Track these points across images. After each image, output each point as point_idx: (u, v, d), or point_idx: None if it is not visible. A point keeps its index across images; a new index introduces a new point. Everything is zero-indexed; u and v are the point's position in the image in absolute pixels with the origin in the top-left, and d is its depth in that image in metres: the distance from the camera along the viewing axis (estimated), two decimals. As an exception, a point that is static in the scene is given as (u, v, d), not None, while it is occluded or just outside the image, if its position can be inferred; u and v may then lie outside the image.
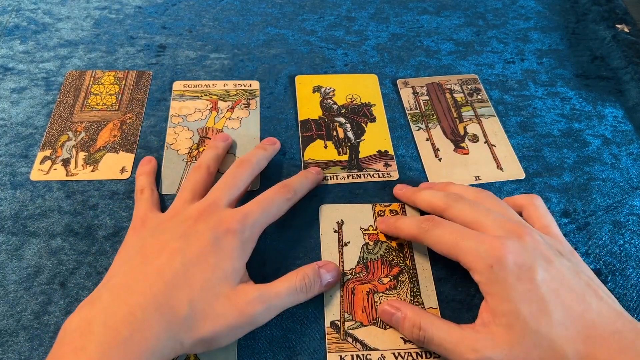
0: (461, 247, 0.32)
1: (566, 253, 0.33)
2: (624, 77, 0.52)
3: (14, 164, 0.42)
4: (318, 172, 0.41)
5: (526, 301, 0.29)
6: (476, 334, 0.30)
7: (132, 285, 0.29)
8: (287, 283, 0.33)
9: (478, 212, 0.34)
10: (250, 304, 0.31)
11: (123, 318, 0.28)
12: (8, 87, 0.48)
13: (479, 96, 0.50)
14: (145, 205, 0.37)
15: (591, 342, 0.28)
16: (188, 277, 0.30)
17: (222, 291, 0.30)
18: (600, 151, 0.46)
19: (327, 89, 0.50)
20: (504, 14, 0.60)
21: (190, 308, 0.29)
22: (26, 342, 0.33)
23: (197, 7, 0.58)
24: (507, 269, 0.30)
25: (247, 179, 0.38)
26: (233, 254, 0.32)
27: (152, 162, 0.42)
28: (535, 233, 0.33)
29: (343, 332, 0.34)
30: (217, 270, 0.31)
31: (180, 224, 0.33)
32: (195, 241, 0.32)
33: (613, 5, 0.59)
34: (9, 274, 0.36)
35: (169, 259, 0.31)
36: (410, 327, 0.32)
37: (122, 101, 0.47)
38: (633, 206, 0.42)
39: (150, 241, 0.32)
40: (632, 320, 0.30)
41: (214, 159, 0.40)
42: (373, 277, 0.37)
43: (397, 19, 0.58)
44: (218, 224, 0.33)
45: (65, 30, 0.54)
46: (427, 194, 0.38)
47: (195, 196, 0.36)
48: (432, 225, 0.34)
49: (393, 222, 0.38)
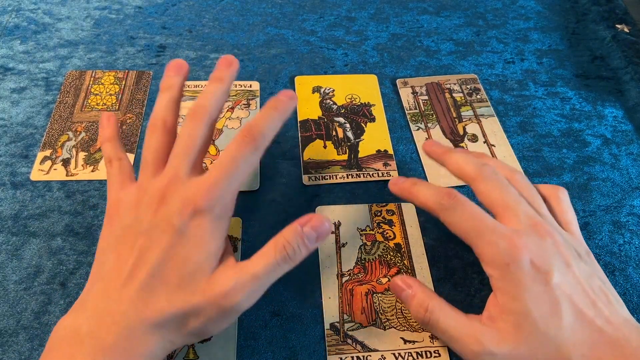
0: (479, 237, 0.31)
1: (583, 254, 0.32)
2: (624, 77, 0.52)
3: (14, 164, 0.42)
4: (290, 98, 0.33)
5: (538, 303, 0.29)
6: (482, 327, 0.30)
7: (110, 293, 0.28)
8: (264, 259, 0.29)
9: (508, 196, 0.32)
10: (228, 296, 0.28)
11: (107, 327, 0.27)
12: (8, 87, 0.48)
13: (479, 96, 0.50)
14: (116, 181, 0.33)
15: (596, 348, 0.28)
16: (162, 277, 0.28)
17: (198, 286, 0.28)
18: (600, 151, 0.46)
19: (327, 89, 0.50)
20: (504, 14, 0.60)
21: (171, 308, 0.28)
22: (26, 342, 0.33)
23: (197, 7, 0.58)
24: (523, 270, 0.29)
25: (207, 131, 0.32)
26: (204, 239, 0.29)
27: (112, 120, 0.36)
28: (556, 233, 0.32)
29: (342, 334, 0.34)
30: (188, 264, 0.28)
31: (146, 211, 0.30)
32: (161, 234, 0.29)
33: (613, 5, 0.59)
34: (9, 274, 0.36)
35: (140, 259, 0.28)
36: (417, 307, 0.31)
37: (122, 101, 0.47)
38: (633, 206, 0.42)
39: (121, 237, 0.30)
40: (637, 326, 0.30)
41: (170, 107, 0.33)
42: (371, 278, 0.37)
43: (397, 19, 0.58)
44: (183, 206, 0.29)
45: (65, 30, 0.54)
46: (460, 157, 0.35)
47: (158, 167, 0.32)
48: (453, 203, 0.32)
49: (409, 186, 0.35)
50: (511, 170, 0.35)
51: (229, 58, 0.35)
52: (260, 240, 0.36)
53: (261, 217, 0.40)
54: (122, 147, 0.35)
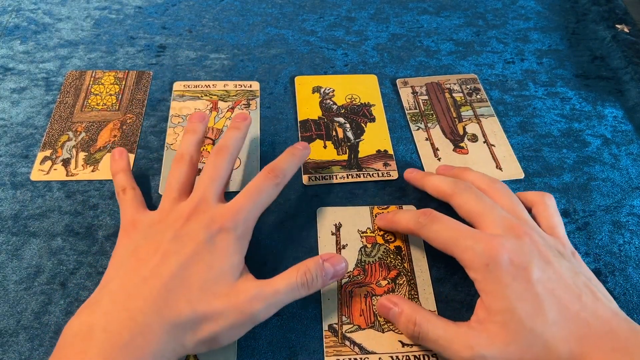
0: (458, 245, 0.32)
1: (567, 254, 0.33)
2: (623, 77, 0.52)
3: (14, 164, 0.42)
4: (304, 147, 0.39)
5: (521, 300, 0.29)
6: (471, 331, 0.30)
7: (130, 289, 0.29)
8: (286, 280, 0.32)
9: (483, 206, 0.34)
10: (250, 302, 0.30)
11: (123, 323, 0.27)
12: (8, 87, 0.48)
13: (478, 96, 0.50)
14: (131, 205, 0.36)
15: (585, 342, 0.28)
16: (185, 279, 0.30)
17: (221, 290, 0.30)
18: (600, 151, 0.46)
19: (327, 89, 0.50)
20: (504, 14, 0.60)
21: (190, 309, 0.29)
22: (26, 342, 0.33)
23: (197, 7, 0.58)
24: (502, 268, 0.30)
25: (229, 166, 0.37)
26: (228, 251, 0.32)
27: (124, 154, 0.40)
28: (535, 233, 0.33)
29: (341, 336, 0.34)
30: (213, 269, 0.31)
31: (172, 225, 0.32)
32: (189, 241, 0.31)
33: (613, 5, 0.59)
34: (9, 274, 0.36)
35: (164, 261, 0.30)
36: (406, 323, 0.32)
37: (122, 101, 0.47)
38: (633, 206, 0.42)
39: (143, 244, 0.32)
40: (627, 319, 0.30)
41: (195, 146, 0.38)
42: (371, 280, 0.37)
43: (397, 19, 0.58)
44: (210, 222, 0.32)
45: (65, 31, 0.54)
46: (436, 179, 0.38)
47: (182, 193, 0.35)
48: (429, 220, 0.34)
49: (390, 217, 0.38)
50: (491, 181, 0.37)
51: (243, 114, 0.41)
52: (258, 241, 0.36)
53: (261, 217, 0.40)
54: (133, 177, 0.39)
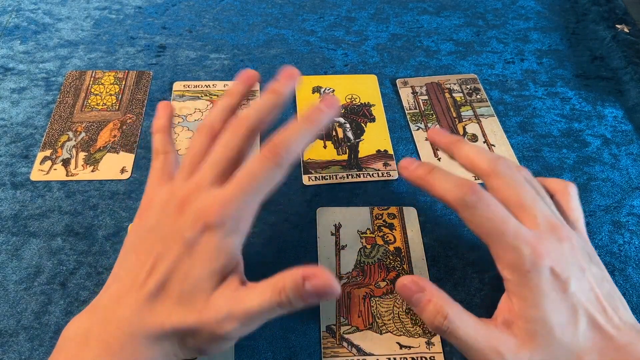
0: (502, 241, 0.29)
1: (593, 256, 0.32)
2: (623, 77, 0.52)
3: (14, 164, 0.42)
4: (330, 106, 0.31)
5: (556, 310, 0.29)
6: (500, 334, 0.29)
7: (122, 296, 0.28)
8: (259, 298, 0.27)
9: (524, 195, 0.31)
10: (220, 324, 0.27)
11: (113, 332, 0.27)
12: (8, 87, 0.48)
13: (478, 96, 0.50)
14: (156, 176, 0.32)
15: (605, 354, 0.28)
16: (168, 289, 0.28)
17: (195, 304, 0.27)
18: (600, 151, 0.46)
19: (327, 89, 0.50)
20: (503, 14, 0.60)
21: (169, 323, 0.27)
22: (26, 342, 0.33)
23: (197, 7, 0.58)
24: (543, 277, 0.29)
25: (244, 142, 0.31)
26: (209, 256, 0.28)
27: (167, 110, 0.35)
28: (573, 236, 0.31)
29: (338, 337, 0.34)
30: (189, 279, 0.27)
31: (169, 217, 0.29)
32: (174, 244, 0.28)
33: (613, 5, 0.59)
34: (9, 274, 0.36)
35: (154, 266, 0.28)
36: (434, 314, 0.29)
37: (122, 101, 0.47)
38: (633, 206, 0.42)
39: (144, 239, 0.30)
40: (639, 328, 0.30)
41: (223, 114, 0.33)
42: (370, 281, 0.37)
43: (397, 19, 0.58)
44: (197, 218, 0.28)
45: (65, 31, 0.54)
46: (472, 149, 0.33)
47: (193, 169, 0.31)
48: (475, 200, 0.30)
49: (424, 173, 0.32)
50: (517, 167, 0.34)
51: (291, 70, 0.33)
52: (260, 240, 0.36)
53: (261, 217, 0.40)
54: (172, 140, 0.35)
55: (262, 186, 0.29)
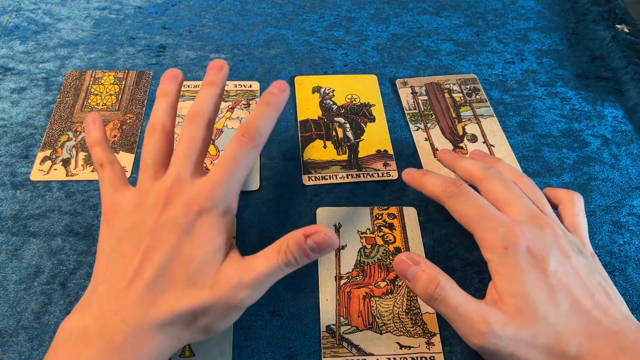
0: (480, 223, 0.32)
1: (586, 253, 0.33)
2: (623, 77, 0.52)
3: (14, 164, 0.42)
4: (281, 90, 0.34)
5: (536, 287, 0.30)
6: (490, 308, 0.30)
7: (117, 293, 0.28)
8: (266, 262, 0.29)
9: (510, 193, 0.34)
10: (233, 293, 0.28)
11: (115, 326, 0.27)
12: (8, 87, 0.48)
13: (478, 96, 0.50)
14: (110, 184, 0.33)
15: (594, 339, 0.29)
16: (170, 276, 0.29)
17: (205, 281, 0.29)
18: (600, 151, 0.46)
19: (327, 89, 0.50)
20: (503, 14, 0.60)
21: (178, 307, 0.28)
22: (26, 342, 0.33)
23: (197, 7, 0.58)
24: (520, 254, 0.30)
25: (206, 133, 0.33)
26: (210, 235, 0.30)
27: (97, 122, 0.35)
28: (557, 227, 0.33)
29: (338, 337, 0.34)
30: (194, 261, 0.29)
31: (150, 213, 0.30)
32: (168, 233, 0.29)
33: (613, 5, 0.59)
34: (9, 274, 0.36)
35: (147, 258, 0.29)
36: (427, 282, 0.31)
37: (122, 101, 0.47)
38: (633, 206, 0.42)
39: (125, 237, 0.30)
40: (636, 323, 0.30)
41: (167, 112, 0.34)
42: (370, 281, 0.37)
43: (397, 19, 0.58)
44: (187, 206, 0.30)
45: (65, 31, 0.54)
46: (468, 162, 0.38)
47: (159, 169, 0.32)
48: (457, 191, 0.34)
49: (419, 176, 0.37)
50: (519, 174, 0.37)
51: (219, 62, 0.36)
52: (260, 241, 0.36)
53: (261, 217, 0.40)
54: (111, 150, 0.35)
55: (243, 168, 0.32)
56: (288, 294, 0.36)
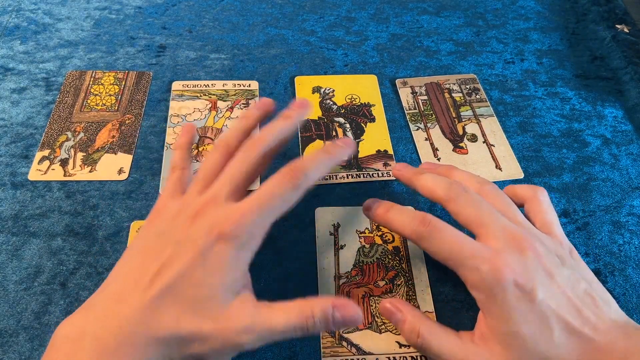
0: (462, 264, 0.31)
1: (566, 257, 0.32)
2: (623, 77, 0.52)
3: (14, 164, 0.42)
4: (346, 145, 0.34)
5: (526, 322, 0.29)
6: (475, 348, 0.30)
7: (124, 295, 0.28)
8: (285, 319, 0.28)
9: (481, 213, 0.32)
10: (239, 334, 0.28)
11: (111, 330, 0.27)
12: (8, 87, 0.48)
13: (478, 96, 0.50)
14: (170, 188, 0.34)
15: (585, 356, 0.29)
16: (177, 293, 0.28)
17: (210, 313, 0.28)
18: (600, 151, 0.46)
19: (327, 89, 0.50)
20: (503, 14, 0.60)
21: (177, 327, 0.27)
22: (26, 343, 0.33)
23: (197, 7, 0.58)
24: (507, 291, 0.29)
25: (259, 161, 0.33)
26: (223, 267, 0.28)
27: (190, 131, 0.37)
28: (537, 243, 0.31)
29: (338, 336, 0.34)
30: (203, 287, 0.28)
31: (182, 224, 0.30)
32: (187, 250, 0.29)
33: (613, 5, 0.59)
34: (9, 274, 0.36)
35: (163, 269, 0.28)
36: (409, 332, 0.32)
37: (122, 102, 0.47)
38: (633, 206, 0.42)
39: (152, 243, 0.31)
40: (624, 326, 0.30)
41: (239, 134, 0.35)
42: (369, 281, 0.37)
43: (397, 19, 0.58)
44: (210, 227, 0.29)
45: (65, 31, 0.54)
46: (428, 179, 0.35)
47: (206, 184, 0.32)
48: (427, 230, 0.32)
49: (383, 212, 0.35)
50: (480, 182, 0.35)
51: (304, 102, 0.36)
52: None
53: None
54: (190, 158, 0.37)
55: (278, 205, 0.30)
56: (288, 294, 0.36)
